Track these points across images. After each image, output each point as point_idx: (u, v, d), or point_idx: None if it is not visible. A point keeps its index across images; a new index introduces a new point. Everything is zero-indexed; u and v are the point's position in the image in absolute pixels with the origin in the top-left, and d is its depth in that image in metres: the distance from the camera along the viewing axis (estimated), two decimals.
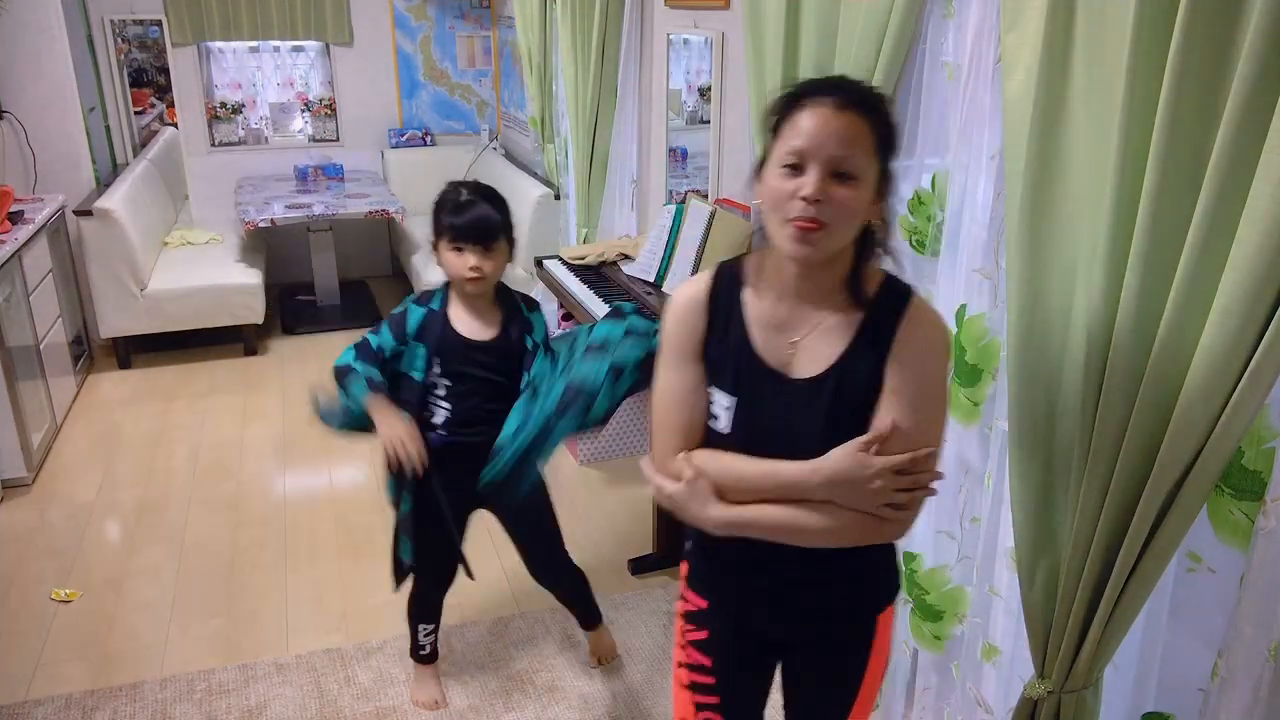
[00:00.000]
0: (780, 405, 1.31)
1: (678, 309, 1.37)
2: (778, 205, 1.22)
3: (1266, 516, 1.26)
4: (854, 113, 1.20)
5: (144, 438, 3.93)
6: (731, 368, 1.33)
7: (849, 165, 1.19)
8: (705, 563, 1.46)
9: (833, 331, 1.30)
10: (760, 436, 1.32)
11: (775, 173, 1.22)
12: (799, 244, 1.21)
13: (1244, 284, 1.13)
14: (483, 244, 2.04)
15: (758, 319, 1.33)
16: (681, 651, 1.54)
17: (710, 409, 1.35)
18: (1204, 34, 1.15)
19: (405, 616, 2.45)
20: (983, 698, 1.91)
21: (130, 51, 5.43)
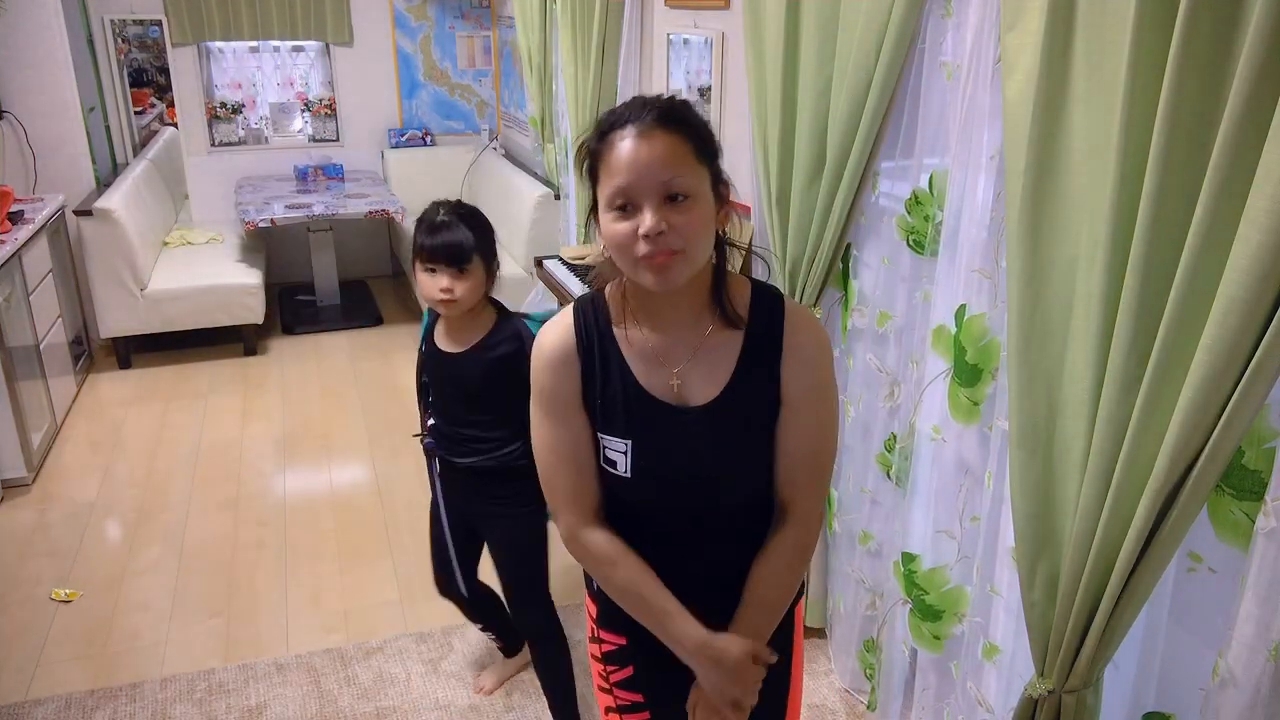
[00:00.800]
0: (679, 437, 1.26)
1: (547, 359, 1.28)
2: (623, 249, 1.16)
3: (1266, 516, 1.26)
4: (662, 131, 1.14)
5: (144, 438, 3.93)
6: (620, 410, 1.26)
7: (679, 185, 1.14)
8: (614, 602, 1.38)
9: (715, 353, 1.26)
10: (662, 472, 1.28)
11: (608, 217, 1.17)
12: (660, 277, 1.16)
13: (1244, 284, 1.13)
14: (455, 266, 1.97)
15: (636, 354, 1.27)
16: (608, 696, 1.47)
17: (605, 455, 1.29)
18: (1204, 34, 1.15)
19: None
20: (983, 697, 1.91)
21: (130, 51, 5.43)
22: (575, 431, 1.29)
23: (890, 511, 2.25)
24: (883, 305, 2.20)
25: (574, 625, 2.77)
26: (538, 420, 1.31)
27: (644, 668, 1.41)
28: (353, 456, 3.78)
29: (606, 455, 1.29)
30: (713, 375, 1.26)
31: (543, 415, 1.31)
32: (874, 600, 2.34)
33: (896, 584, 2.17)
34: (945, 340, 1.94)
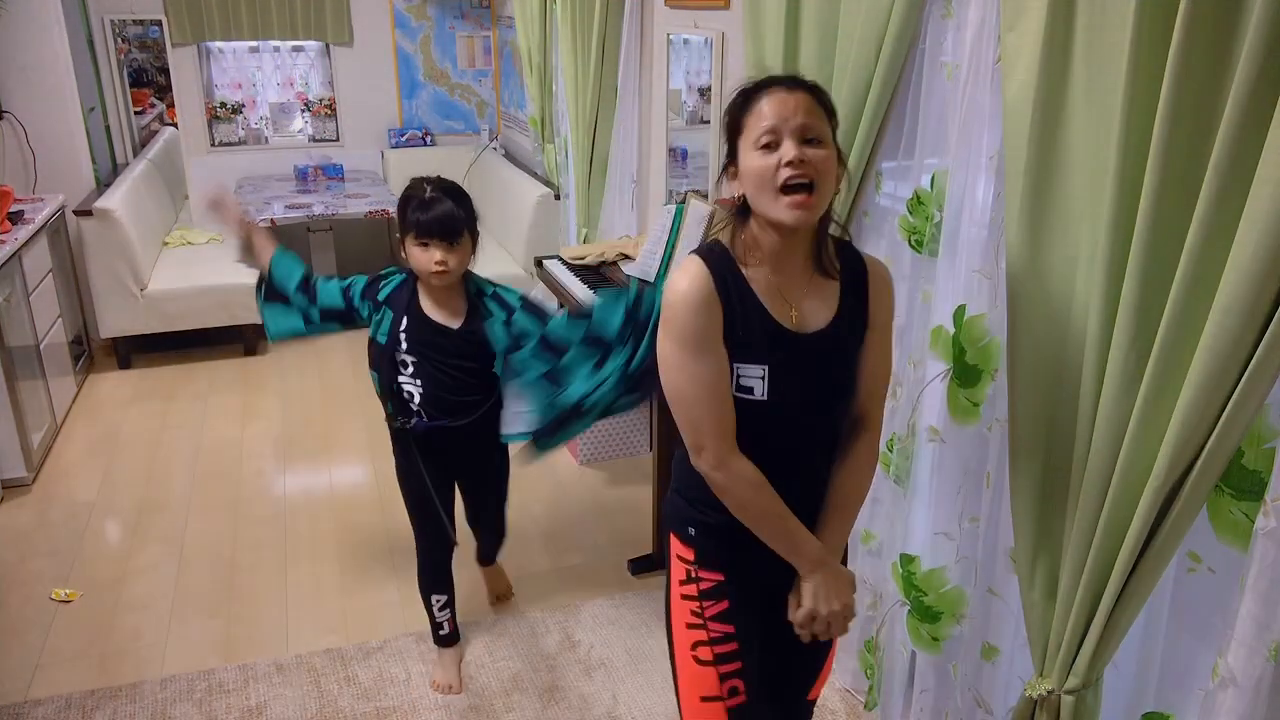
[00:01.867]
0: (803, 360, 1.45)
1: (691, 301, 1.42)
2: (764, 181, 1.37)
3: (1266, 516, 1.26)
4: (803, 91, 1.38)
5: (144, 438, 3.92)
6: (760, 339, 1.43)
7: (815, 131, 1.36)
8: (714, 540, 1.55)
9: (820, 292, 1.48)
10: (793, 390, 1.45)
11: (753, 156, 1.38)
12: (798, 210, 1.35)
13: (1244, 284, 1.13)
14: (447, 240, 2.12)
15: (763, 290, 1.45)
16: (699, 631, 1.59)
17: (740, 383, 1.44)
18: (1204, 34, 1.15)
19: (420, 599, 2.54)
20: (983, 698, 1.91)
21: (130, 51, 5.43)
22: (719, 365, 1.43)
23: (891, 511, 2.25)
24: None
25: (576, 626, 2.77)
26: (680, 361, 1.43)
27: (738, 600, 1.57)
28: (353, 456, 3.78)
29: (741, 384, 1.44)
30: (823, 308, 1.48)
31: (687, 354, 1.42)
32: (875, 600, 2.34)
33: (895, 584, 2.17)
34: (944, 341, 1.94)
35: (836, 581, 1.50)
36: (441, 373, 2.24)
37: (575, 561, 3.08)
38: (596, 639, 2.72)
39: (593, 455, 3.75)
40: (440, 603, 2.52)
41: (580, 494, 3.52)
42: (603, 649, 2.68)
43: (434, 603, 2.52)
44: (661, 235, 3.21)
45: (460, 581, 2.57)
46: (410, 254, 2.16)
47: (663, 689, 2.52)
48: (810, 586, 1.49)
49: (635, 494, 3.49)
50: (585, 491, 3.54)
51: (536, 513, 3.39)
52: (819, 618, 1.50)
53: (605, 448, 3.76)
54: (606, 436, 3.74)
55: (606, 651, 2.67)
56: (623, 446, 3.78)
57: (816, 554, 1.49)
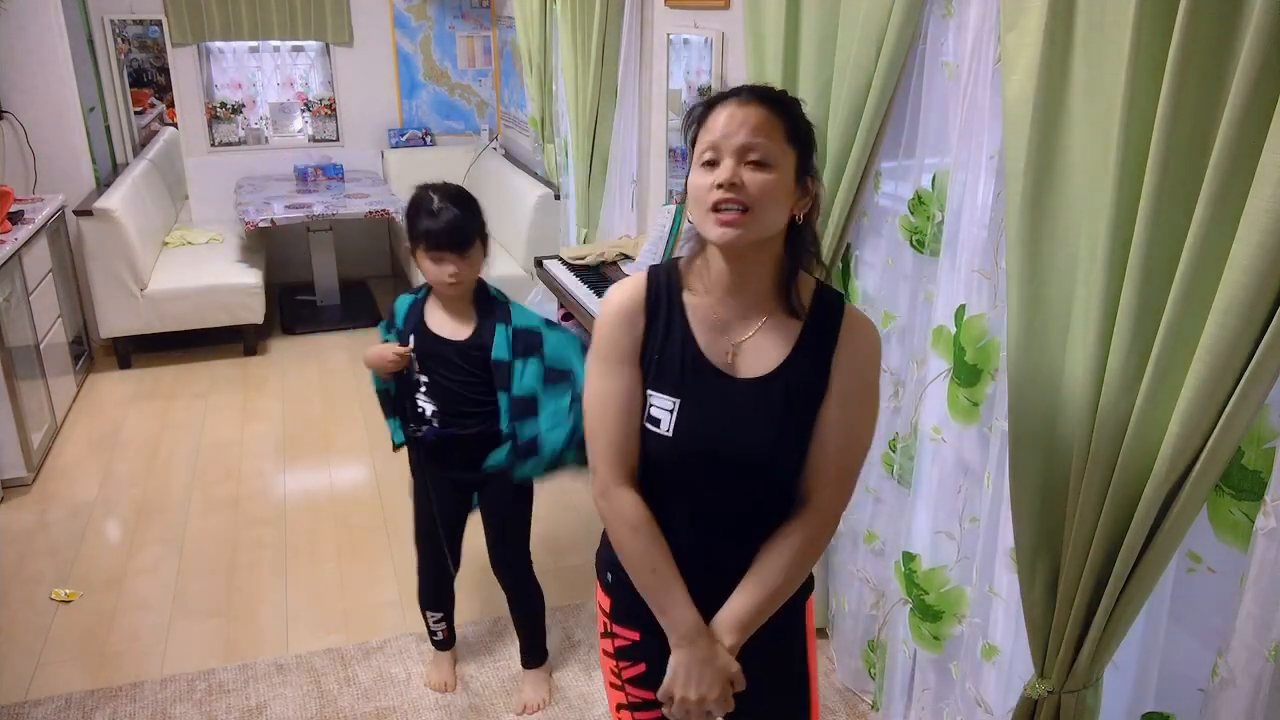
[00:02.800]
0: (725, 405, 1.31)
1: (614, 312, 1.35)
2: (699, 199, 1.25)
3: (1266, 516, 1.26)
4: (759, 105, 1.25)
5: (144, 438, 3.93)
6: (675, 369, 1.32)
7: (760, 152, 1.23)
8: (631, 594, 1.39)
9: (773, 335, 1.33)
10: (702, 434, 1.31)
11: (695, 174, 1.27)
12: (723, 229, 1.23)
13: (1244, 284, 1.13)
14: (459, 250, 2.09)
15: (700, 320, 1.34)
16: (618, 693, 1.50)
17: (650, 413, 1.33)
18: (1204, 33, 1.15)
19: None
20: (983, 698, 1.91)
21: (130, 51, 5.43)
22: (627, 386, 1.34)
23: (894, 511, 2.25)
24: (887, 305, 2.20)
25: (576, 626, 2.77)
26: (593, 372, 1.37)
27: (657, 664, 1.41)
28: (353, 456, 3.78)
29: (651, 413, 1.33)
30: (768, 354, 1.32)
31: (599, 367, 1.36)
32: (878, 600, 2.34)
33: (897, 583, 2.18)
34: (945, 340, 1.94)
35: (703, 667, 1.30)
36: (451, 386, 2.20)
37: (575, 561, 3.08)
38: (597, 639, 2.71)
39: None
40: (435, 618, 2.52)
41: (581, 494, 3.52)
42: None
43: (429, 617, 2.53)
44: (661, 235, 3.21)
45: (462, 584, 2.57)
46: (422, 266, 2.13)
47: None
48: (672, 663, 1.33)
49: None
50: (586, 491, 3.53)
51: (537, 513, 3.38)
52: (674, 702, 1.33)
53: None
54: None
55: None
56: None
57: (685, 627, 1.31)
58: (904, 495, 2.18)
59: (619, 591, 1.45)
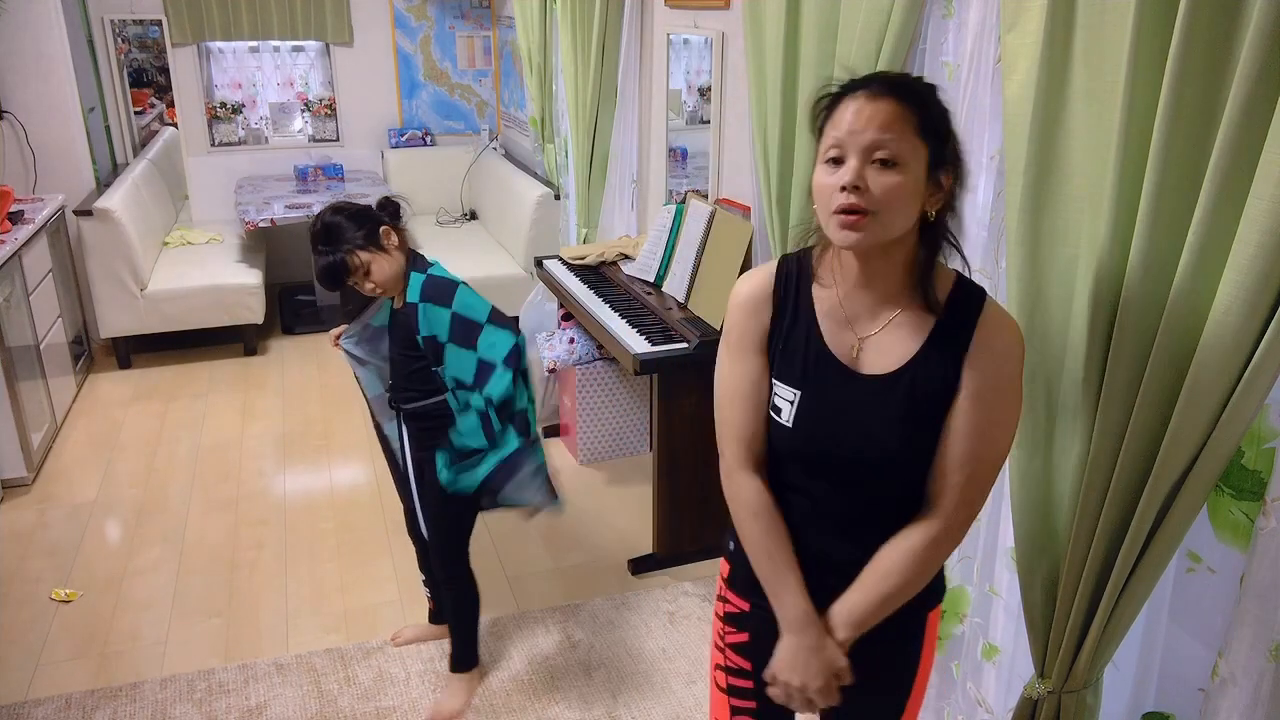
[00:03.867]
0: (847, 400, 1.29)
1: (742, 300, 1.35)
2: (822, 200, 1.22)
3: (1266, 516, 1.26)
4: (889, 99, 1.18)
5: (144, 438, 3.92)
6: (799, 360, 1.31)
7: (888, 151, 1.16)
8: (748, 564, 1.40)
9: (903, 329, 1.28)
10: (821, 428, 1.30)
11: (820, 170, 1.23)
12: (844, 231, 1.19)
13: (1244, 284, 1.13)
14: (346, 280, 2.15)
15: (826, 312, 1.31)
16: (719, 654, 1.52)
17: (774, 401, 1.34)
18: (1204, 34, 1.15)
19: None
20: (983, 697, 1.91)
21: (130, 51, 5.43)
22: (754, 372, 1.34)
23: None
24: None
25: (576, 626, 2.77)
26: (721, 358, 1.38)
27: (760, 637, 1.43)
28: (353, 456, 3.78)
29: (774, 402, 1.34)
30: (895, 350, 1.28)
31: (728, 353, 1.37)
32: None
33: None
34: None
35: (811, 656, 1.31)
36: (393, 354, 2.30)
37: (575, 561, 3.08)
38: (596, 639, 2.72)
39: (593, 455, 3.75)
40: (424, 580, 2.68)
41: (580, 494, 3.52)
42: (603, 649, 2.68)
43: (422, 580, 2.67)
44: (661, 235, 3.21)
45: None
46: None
47: (662, 689, 2.52)
48: (781, 647, 1.34)
49: (635, 494, 3.48)
50: (585, 491, 3.54)
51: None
52: (778, 684, 1.35)
53: (605, 448, 3.76)
54: (606, 436, 3.74)
55: (606, 651, 2.67)
56: (623, 446, 3.78)
57: (795, 615, 1.32)
58: None
59: (737, 560, 1.46)
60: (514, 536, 3.22)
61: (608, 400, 3.68)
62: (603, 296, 3.18)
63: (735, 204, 3.03)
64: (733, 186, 3.11)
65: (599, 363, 3.61)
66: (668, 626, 2.77)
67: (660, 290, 3.16)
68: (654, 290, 3.17)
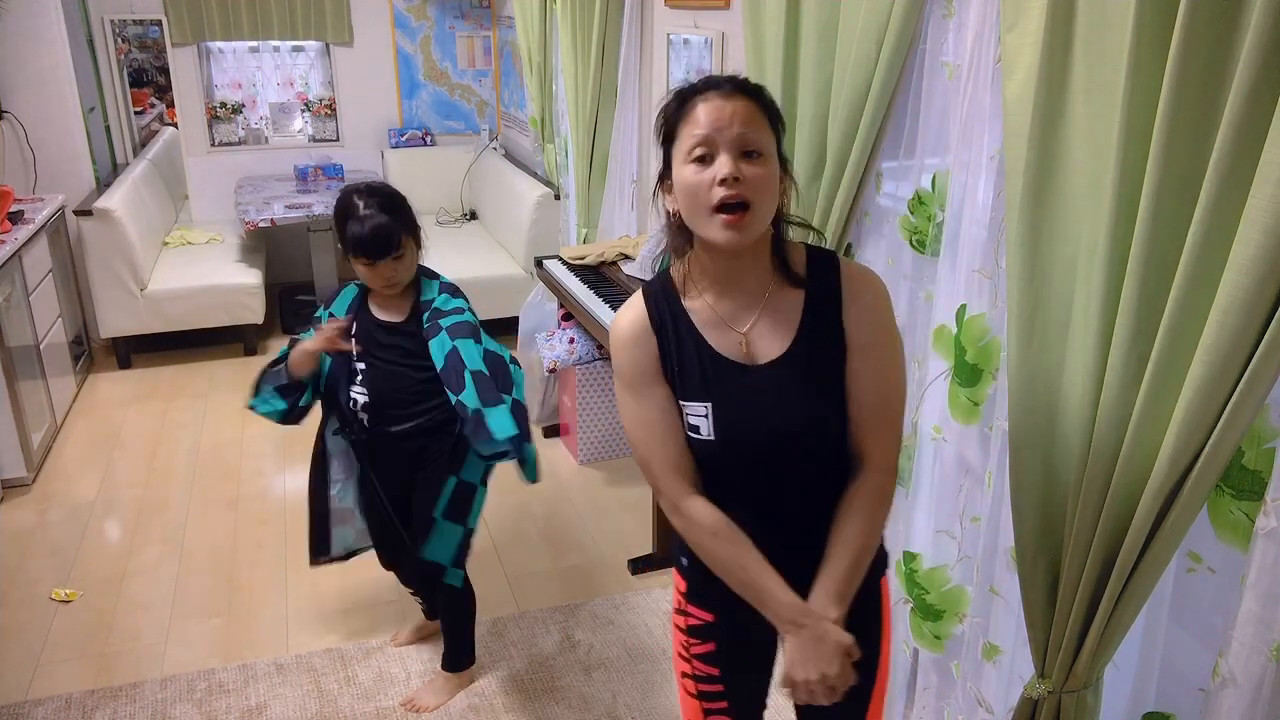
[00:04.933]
0: (754, 394, 1.32)
1: (623, 338, 1.37)
2: (697, 197, 1.24)
3: (1266, 516, 1.26)
4: (743, 96, 1.25)
5: (144, 438, 3.92)
6: (697, 374, 1.34)
7: (754, 142, 1.23)
8: (706, 578, 1.41)
9: (779, 312, 1.33)
10: (742, 429, 1.33)
11: (686, 170, 1.25)
12: (730, 230, 1.23)
13: (1244, 284, 1.13)
14: (389, 255, 2.11)
15: (704, 321, 1.35)
16: (685, 663, 1.54)
17: (689, 423, 1.35)
18: (1204, 34, 1.15)
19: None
20: (983, 697, 1.91)
21: (130, 51, 5.43)
22: (660, 403, 1.36)
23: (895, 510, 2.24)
24: None
25: (576, 626, 2.77)
26: (624, 400, 1.39)
27: (725, 645, 1.47)
28: None
29: (690, 423, 1.35)
30: (779, 332, 1.33)
31: (628, 393, 1.38)
32: None
33: (898, 583, 2.17)
34: (946, 340, 1.94)
35: (817, 646, 1.32)
36: (387, 372, 2.19)
37: (575, 561, 3.08)
38: (596, 639, 2.72)
39: (593, 455, 3.75)
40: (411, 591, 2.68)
41: (580, 494, 3.52)
42: (603, 649, 2.68)
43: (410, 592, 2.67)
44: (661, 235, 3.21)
45: None
46: (357, 270, 2.17)
47: (662, 689, 2.52)
48: (787, 648, 1.35)
49: (635, 494, 3.49)
50: (585, 491, 3.54)
51: (536, 513, 3.39)
52: (797, 685, 1.34)
53: (605, 448, 3.76)
54: (606, 436, 3.74)
55: (606, 651, 2.67)
56: (623, 446, 3.78)
57: (789, 612, 1.33)
58: (905, 495, 2.18)
59: (693, 574, 1.47)
60: (514, 537, 3.22)
61: (608, 400, 3.68)
62: (603, 296, 3.18)
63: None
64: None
65: (599, 363, 3.62)
66: (668, 626, 2.77)
67: None
68: None
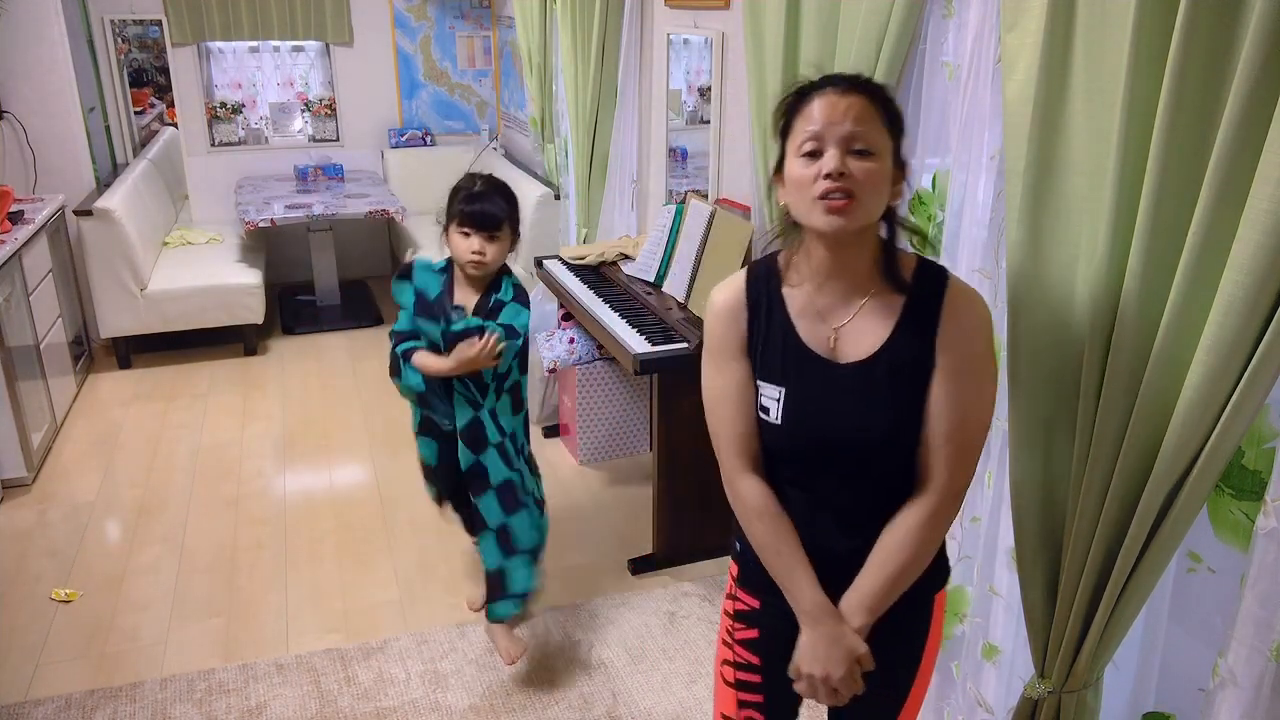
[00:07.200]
0: (829, 390, 1.34)
1: (718, 311, 1.40)
2: (803, 191, 1.26)
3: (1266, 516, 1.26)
4: (858, 94, 1.25)
5: (144, 438, 3.92)
6: (778, 358, 1.36)
7: (864, 140, 1.23)
8: (756, 563, 1.44)
9: (874, 315, 1.33)
10: (809, 421, 1.35)
11: (796, 164, 1.27)
12: (831, 215, 1.24)
13: (1244, 284, 1.13)
14: (487, 230, 2.24)
15: (799, 310, 1.36)
16: (728, 649, 1.56)
17: (761, 402, 1.38)
18: (1204, 34, 1.15)
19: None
20: (983, 697, 1.91)
21: (130, 51, 5.43)
22: (738, 379, 1.38)
23: None
24: None
25: (576, 626, 2.77)
26: (707, 368, 1.42)
27: (768, 634, 1.48)
28: (353, 456, 3.78)
29: (761, 403, 1.37)
30: (870, 335, 1.33)
31: (711, 364, 1.41)
32: None
33: None
34: None
35: (830, 646, 1.34)
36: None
37: (575, 561, 3.08)
38: (596, 639, 2.72)
39: (593, 455, 3.75)
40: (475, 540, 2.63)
41: (580, 494, 3.52)
42: (603, 649, 2.68)
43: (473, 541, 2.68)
44: (661, 235, 3.21)
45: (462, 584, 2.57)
46: (451, 241, 2.28)
47: (662, 689, 2.52)
48: (801, 641, 1.38)
49: (635, 494, 3.48)
50: (585, 491, 3.54)
51: None
52: (802, 678, 1.37)
53: (605, 448, 3.76)
54: (606, 436, 3.74)
55: (606, 651, 2.67)
56: (623, 446, 3.78)
57: (811, 607, 1.36)
58: None
59: (745, 560, 1.49)
60: None
61: (608, 400, 3.68)
62: (603, 296, 3.18)
63: (735, 204, 3.03)
64: (733, 186, 3.11)
65: (599, 363, 3.62)
66: (668, 626, 2.77)
67: (660, 290, 3.16)
68: (654, 290, 3.17)
